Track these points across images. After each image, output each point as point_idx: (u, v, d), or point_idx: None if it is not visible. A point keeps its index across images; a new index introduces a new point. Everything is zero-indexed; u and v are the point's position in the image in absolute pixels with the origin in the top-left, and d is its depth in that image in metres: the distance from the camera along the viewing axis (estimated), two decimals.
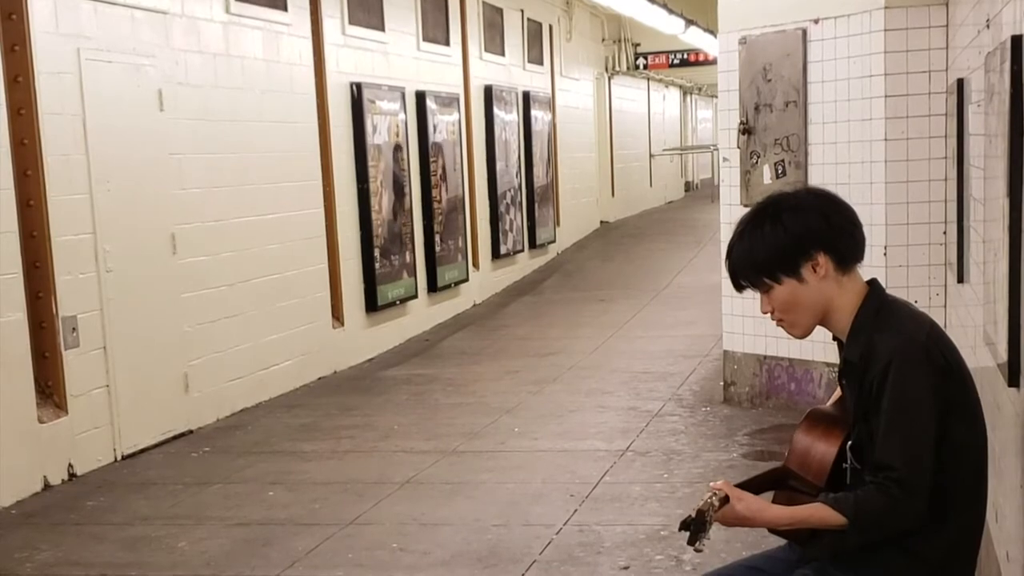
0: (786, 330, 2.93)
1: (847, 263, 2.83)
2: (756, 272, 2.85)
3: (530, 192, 15.77)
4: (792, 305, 2.85)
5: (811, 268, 2.80)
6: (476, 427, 8.00)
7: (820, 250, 2.80)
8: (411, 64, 11.93)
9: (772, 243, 2.81)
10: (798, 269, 2.81)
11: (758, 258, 2.83)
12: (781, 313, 2.88)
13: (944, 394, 2.72)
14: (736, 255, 2.88)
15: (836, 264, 2.81)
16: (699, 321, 11.64)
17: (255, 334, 8.97)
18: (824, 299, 2.83)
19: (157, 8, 7.93)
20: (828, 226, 2.81)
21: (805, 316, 2.86)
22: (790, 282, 2.82)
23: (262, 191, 9.10)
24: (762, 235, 2.82)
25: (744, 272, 2.88)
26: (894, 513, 2.69)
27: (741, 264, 2.88)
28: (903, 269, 6.81)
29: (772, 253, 2.81)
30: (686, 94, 30.80)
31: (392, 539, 5.82)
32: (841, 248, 2.82)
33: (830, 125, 7.32)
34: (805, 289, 2.82)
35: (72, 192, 7.12)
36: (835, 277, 2.82)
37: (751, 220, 2.89)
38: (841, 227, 2.83)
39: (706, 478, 6.47)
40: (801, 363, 7.69)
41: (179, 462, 7.51)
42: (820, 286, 2.82)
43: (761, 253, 2.82)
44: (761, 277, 2.84)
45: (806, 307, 2.85)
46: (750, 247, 2.85)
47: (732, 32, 7.98)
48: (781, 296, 2.85)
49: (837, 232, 2.82)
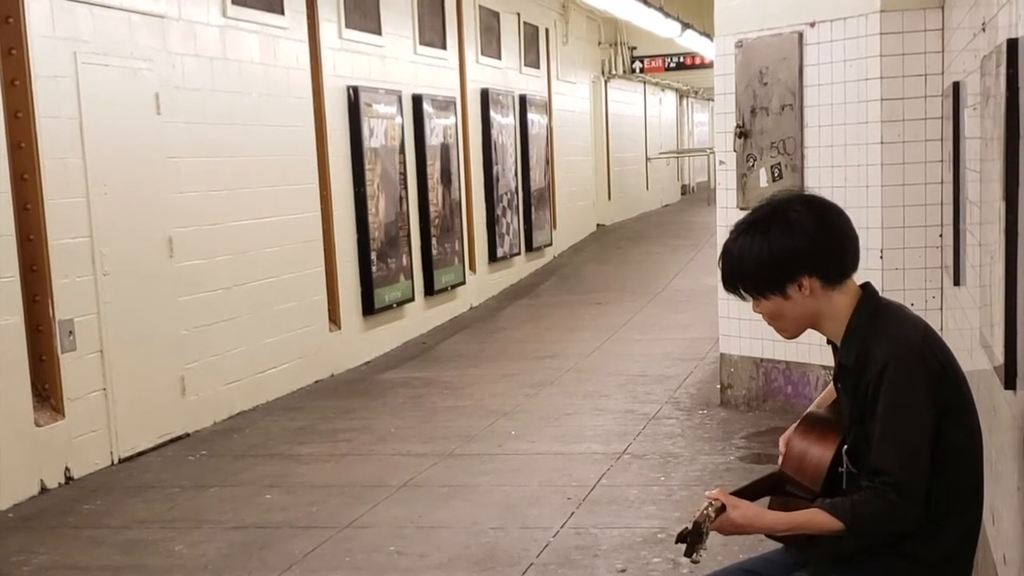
0: (776, 332, 2.95)
1: (835, 282, 2.83)
2: (743, 283, 2.86)
3: (527, 195, 15.78)
4: (778, 316, 2.87)
5: (796, 287, 2.81)
6: (473, 430, 8.01)
7: (805, 273, 2.79)
8: (408, 68, 11.93)
9: (758, 261, 2.80)
10: (783, 289, 2.81)
11: (747, 271, 2.84)
12: (769, 319, 2.90)
13: (939, 397, 2.72)
14: (727, 263, 2.89)
15: (823, 283, 2.81)
16: (695, 324, 11.65)
17: (252, 337, 8.97)
18: (811, 313, 2.84)
19: (154, 12, 7.93)
20: (816, 249, 2.78)
21: (793, 325, 2.89)
22: (775, 298, 2.83)
23: (259, 195, 9.10)
24: (750, 249, 2.81)
25: (731, 281, 2.88)
26: (890, 517, 2.70)
27: (730, 273, 2.88)
28: (899, 272, 6.82)
29: (758, 271, 2.81)
30: (682, 97, 30.83)
31: (389, 542, 5.82)
32: (828, 270, 2.81)
33: (826, 128, 7.33)
34: (790, 304, 2.83)
35: (69, 196, 7.12)
36: (823, 293, 2.82)
37: (745, 230, 2.87)
38: (830, 249, 2.81)
39: (703, 481, 6.48)
40: (798, 366, 7.69)
41: (176, 465, 7.51)
42: (806, 302, 2.82)
43: (749, 267, 2.83)
44: (748, 289, 2.85)
45: (792, 319, 2.86)
46: (739, 260, 2.85)
47: (728, 35, 7.99)
48: (767, 307, 2.87)
49: (825, 254, 2.80)
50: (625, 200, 22.44)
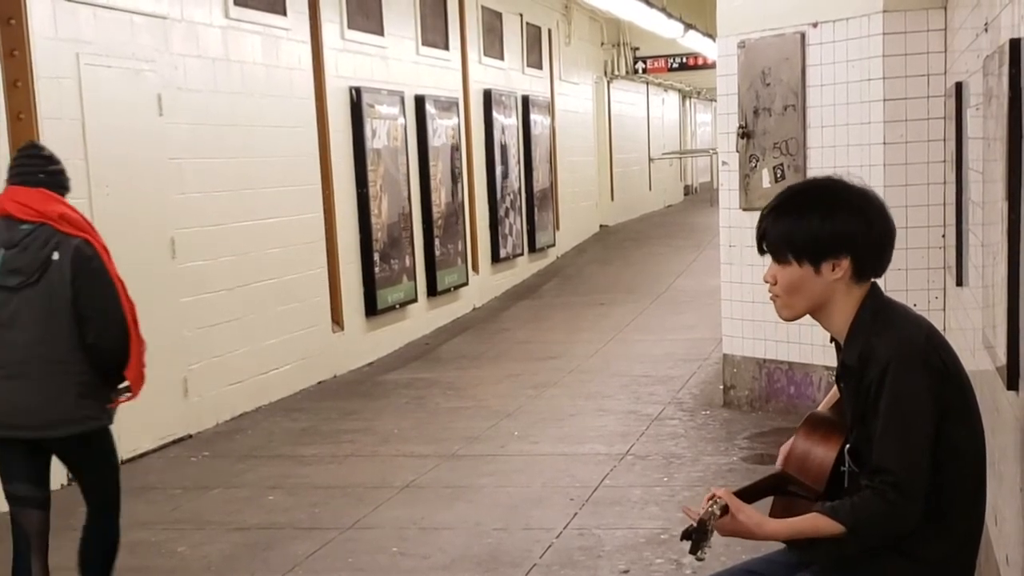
0: (776, 307, 2.93)
1: (863, 276, 2.84)
2: (786, 247, 2.84)
3: (529, 196, 15.78)
4: (796, 289, 2.86)
5: (831, 266, 2.81)
6: (476, 431, 8.00)
7: (848, 256, 2.80)
8: (410, 68, 11.93)
9: (815, 233, 2.80)
10: (820, 262, 2.81)
11: (795, 239, 2.83)
12: (781, 291, 2.88)
13: (942, 397, 2.72)
14: (776, 225, 2.86)
15: (854, 272, 2.82)
16: (699, 325, 11.64)
17: (255, 338, 8.97)
18: (827, 296, 2.84)
19: (156, 13, 7.93)
20: (868, 239, 2.82)
21: (801, 303, 2.87)
22: (807, 269, 2.83)
23: (261, 195, 9.10)
24: (810, 221, 2.81)
25: (774, 242, 2.87)
26: (891, 517, 2.69)
27: (776, 235, 2.86)
28: (902, 272, 6.82)
29: (809, 241, 2.81)
30: (685, 98, 30.83)
31: (392, 543, 5.82)
32: (868, 262, 2.84)
33: (829, 129, 7.32)
34: (815, 281, 2.83)
35: (71, 196, 7.06)
36: (847, 281, 2.83)
37: (807, 201, 2.86)
38: (880, 245, 2.85)
39: (706, 482, 6.48)
40: (800, 366, 7.69)
41: (179, 466, 7.51)
42: (830, 284, 2.83)
43: (800, 236, 2.82)
44: (787, 253, 2.84)
45: (807, 296, 2.86)
46: (792, 226, 2.83)
47: (731, 36, 7.99)
48: (791, 276, 2.85)
49: (873, 247, 2.83)
50: (628, 201, 22.43)
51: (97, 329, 4.40)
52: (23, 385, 4.39)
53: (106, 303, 4.43)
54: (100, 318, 4.41)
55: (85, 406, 4.48)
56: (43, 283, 4.33)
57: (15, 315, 4.36)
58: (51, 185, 4.56)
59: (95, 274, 4.41)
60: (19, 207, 4.42)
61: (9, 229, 4.39)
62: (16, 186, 4.50)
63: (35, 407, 4.41)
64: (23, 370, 4.39)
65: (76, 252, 4.37)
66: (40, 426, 4.46)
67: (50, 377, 4.38)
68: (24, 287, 4.33)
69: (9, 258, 4.35)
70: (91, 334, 4.38)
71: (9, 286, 4.34)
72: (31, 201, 4.43)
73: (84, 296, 4.36)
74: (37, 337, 4.36)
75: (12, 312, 4.36)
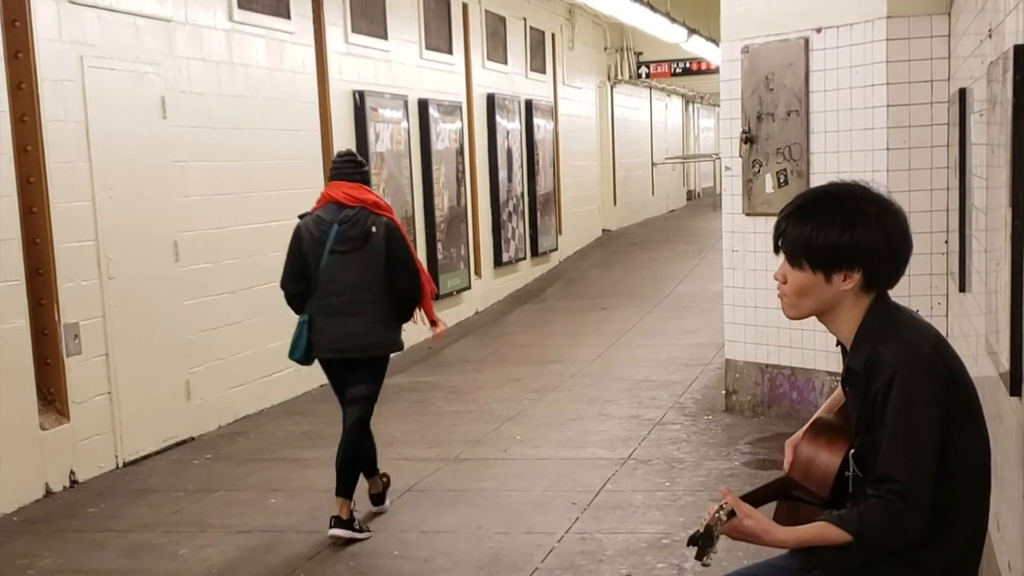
0: (783, 305, 2.93)
1: (874, 288, 2.84)
2: (801, 253, 2.84)
3: (532, 200, 15.78)
4: (805, 292, 2.85)
5: (843, 277, 2.81)
6: (478, 435, 8.00)
7: (861, 269, 2.80)
8: (414, 72, 11.94)
9: (833, 243, 2.79)
10: (833, 273, 2.81)
11: (812, 247, 2.82)
12: (790, 291, 2.88)
13: (947, 405, 2.72)
14: (795, 228, 2.85)
15: (865, 284, 2.82)
16: (701, 330, 11.64)
17: (257, 341, 8.96)
18: (834, 302, 2.84)
19: (160, 16, 7.94)
20: (884, 254, 2.81)
21: (808, 305, 2.87)
22: (818, 275, 2.82)
23: (264, 199, 9.10)
24: (829, 232, 2.80)
25: (790, 245, 2.87)
26: (898, 526, 2.69)
27: (794, 239, 2.85)
28: (905, 278, 6.72)
29: (826, 251, 2.80)
30: (688, 103, 30.85)
31: (394, 546, 5.82)
32: (881, 276, 2.83)
33: (832, 134, 7.32)
34: (825, 288, 2.82)
35: (75, 199, 7.13)
36: (856, 291, 2.82)
37: (829, 209, 2.84)
38: (895, 262, 2.84)
39: (708, 487, 6.48)
40: (803, 372, 7.69)
41: (181, 469, 7.51)
42: (839, 292, 2.82)
43: (817, 245, 2.81)
44: (802, 259, 2.84)
45: (814, 300, 2.85)
46: (811, 233, 2.82)
47: (734, 41, 7.99)
48: (802, 280, 2.84)
49: (888, 262, 2.82)
50: (631, 205, 22.43)
51: (403, 276, 5.99)
52: (350, 320, 5.96)
53: (408, 259, 6.06)
54: (404, 269, 6.00)
55: (390, 335, 6.15)
56: (367, 248, 5.91)
57: (344, 271, 5.93)
58: (364, 181, 6.14)
59: (400, 241, 6.04)
60: (345, 196, 5.98)
61: (339, 211, 5.95)
62: (339, 181, 6.05)
63: (358, 335, 5.98)
64: (349, 308, 5.95)
65: (387, 227, 5.98)
66: (360, 348, 6.02)
67: (367, 314, 5.97)
68: (352, 252, 5.91)
69: (341, 231, 5.92)
70: (400, 281, 5.99)
71: (342, 251, 5.92)
72: (352, 191, 6.01)
73: (393, 255, 5.97)
74: (361, 286, 5.94)
75: (341, 268, 5.92)
